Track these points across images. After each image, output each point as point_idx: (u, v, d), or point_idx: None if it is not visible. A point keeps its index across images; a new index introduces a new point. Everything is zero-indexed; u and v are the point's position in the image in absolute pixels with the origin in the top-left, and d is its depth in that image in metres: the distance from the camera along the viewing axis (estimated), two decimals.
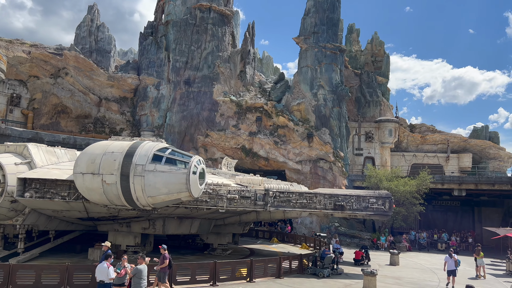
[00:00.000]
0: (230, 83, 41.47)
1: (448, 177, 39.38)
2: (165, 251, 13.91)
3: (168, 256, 13.74)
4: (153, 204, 16.14)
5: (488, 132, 47.54)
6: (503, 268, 25.74)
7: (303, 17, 42.17)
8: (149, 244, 22.67)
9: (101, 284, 11.48)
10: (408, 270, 23.44)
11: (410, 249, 33.58)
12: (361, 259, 24.38)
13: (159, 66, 41.94)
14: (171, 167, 15.60)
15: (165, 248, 14.09)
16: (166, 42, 42.63)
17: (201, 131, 39.73)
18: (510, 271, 23.17)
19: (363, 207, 21.74)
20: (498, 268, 26.14)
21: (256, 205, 20.07)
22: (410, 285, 18.76)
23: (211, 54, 41.51)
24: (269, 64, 64.89)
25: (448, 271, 18.29)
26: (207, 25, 42.01)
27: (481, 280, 21.52)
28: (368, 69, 49.27)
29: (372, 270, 17.21)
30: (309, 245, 29.86)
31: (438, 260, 28.00)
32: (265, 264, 18.46)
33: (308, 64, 40.45)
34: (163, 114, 41.01)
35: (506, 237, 29.56)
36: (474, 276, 22.08)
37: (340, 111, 39.72)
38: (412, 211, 34.76)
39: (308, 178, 37.93)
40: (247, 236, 34.03)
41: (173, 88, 41.22)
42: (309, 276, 19.44)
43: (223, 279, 16.60)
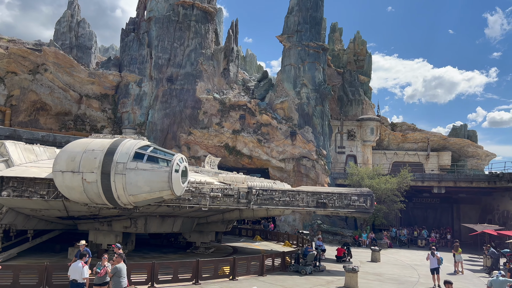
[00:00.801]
0: (213, 80, 41.29)
1: (428, 175, 40.10)
2: (120, 249, 13.45)
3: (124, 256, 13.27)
4: (134, 203, 15.96)
5: (466, 131, 48.57)
6: (480, 264, 26.37)
7: (287, 16, 42.26)
8: (130, 243, 22.42)
9: (74, 284, 11.22)
10: (389, 266, 23.80)
11: (391, 246, 34.09)
12: (343, 256, 24.64)
13: (141, 63, 41.45)
14: (153, 165, 15.45)
15: (119, 247, 13.68)
16: (148, 38, 42.17)
17: (184, 129, 39.47)
18: (487, 267, 23.74)
19: (345, 204, 21.97)
20: (475, 264, 26.77)
21: (239, 203, 20.07)
22: (390, 281, 19.05)
23: (194, 51, 41.24)
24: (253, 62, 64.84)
25: (431, 269, 18.54)
26: (190, 22, 41.71)
27: (459, 275, 22.01)
28: (350, 68, 49.73)
29: (354, 267, 17.41)
30: (292, 243, 30.02)
31: (418, 256, 28.52)
32: (248, 262, 18.48)
33: (291, 63, 40.57)
34: (145, 111, 40.58)
35: (483, 233, 30.32)
36: (452, 272, 22.56)
37: (322, 109, 39.99)
38: (393, 208, 35.29)
39: (291, 176, 38.11)
40: (230, 234, 34.01)
41: (155, 86, 40.82)
42: (292, 273, 19.54)
43: (206, 278, 16.55)
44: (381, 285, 18.02)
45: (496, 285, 12.62)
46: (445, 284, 11.90)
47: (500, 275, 13.07)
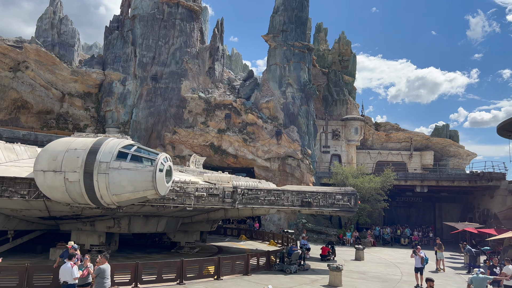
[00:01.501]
0: (199, 79, 41.10)
1: (411, 174, 40.66)
2: (76, 250, 13.12)
3: (80, 256, 12.85)
4: (118, 203, 15.78)
5: (448, 131, 49.39)
6: (461, 261, 26.85)
7: (272, 15, 42.32)
8: (114, 243, 22.19)
9: (65, 285, 11.12)
10: (373, 264, 24.05)
11: (374, 244, 34.46)
12: (328, 255, 24.79)
13: (125, 61, 40.99)
14: (137, 165, 15.29)
15: (76, 248, 13.35)
16: (133, 36, 41.72)
17: (168, 128, 39.18)
18: (467, 264, 24.18)
19: (330, 203, 22.13)
20: (456, 261, 27.25)
21: (224, 203, 20.01)
22: (374, 279, 19.25)
23: (179, 50, 40.98)
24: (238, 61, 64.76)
25: (415, 268, 18.66)
26: (175, 21, 41.43)
27: (441, 273, 22.38)
28: (335, 68, 50.07)
29: (338, 266, 17.54)
30: (277, 242, 30.09)
31: (401, 254, 28.90)
32: (233, 261, 18.45)
33: (277, 62, 40.64)
34: (129, 110, 40.15)
35: (464, 231, 30.89)
36: (434, 270, 22.91)
37: (308, 109, 40.18)
38: (376, 207, 35.69)
39: (277, 175, 38.20)
40: (215, 234, 33.92)
41: (139, 84, 40.42)
42: (277, 273, 19.59)
43: (190, 277, 16.46)
44: (365, 283, 18.20)
45: (476, 282, 12.86)
46: (427, 281, 12.09)
47: (480, 272, 13.33)
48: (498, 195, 36.61)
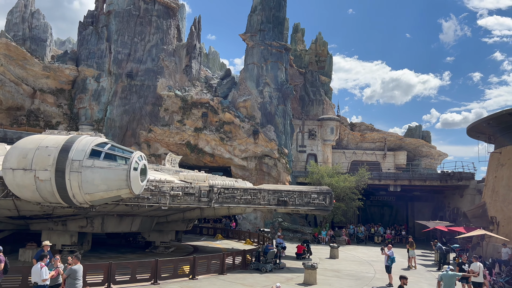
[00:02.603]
0: (175, 77, 40.68)
1: (384, 174, 41.45)
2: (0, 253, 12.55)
3: (4, 259, 12.27)
4: (91, 202, 15.47)
5: (421, 131, 50.60)
6: (432, 259, 27.58)
7: (250, 14, 42.31)
8: (86, 243, 21.73)
9: (35, 286, 10.84)
10: (347, 262, 24.41)
11: (349, 243, 34.97)
12: (303, 253, 25.00)
13: (100, 57, 40.15)
14: (111, 163, 15.03)
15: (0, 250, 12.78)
16: (108, 32, 40.90)
17: (144, 126, 38.64)
18: (437, 261, 24.86)
19: (305, 202, 22.31)
20: (427, 259, 27.97)
21: (200, 202, 19.91)
22: (348, 277, 19.54)
23: (155, 47, 40.44)
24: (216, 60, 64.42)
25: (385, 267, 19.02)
26: (151, 17, 40.85)
27: (413, 270, 22.92)
28: (312, 69, 50.52)
29: (313, 264, 17.72)
30: (253, 241, 30.14)
31: (374, 252, 29.43)
32: (208, 260, 18.38)
33: (254, 62, 40.67)
34: (104, 107, 39.35)
35: (435, 229, 31.74)
36: (406, 267, 23.44)
37: (285, 108, 40.39)
38: (351, 206, 36.21)
39: (253, 174, 38.25)
40: (191, 233, 33.68)
41: (114, 81, 39.67)
42: (252, 271, 19.62)
43: (165, 277, 16.30)
44: (339, 281, 18.44)
45: (446, 279, 13.23)
46: (401, 279, 12.34)
47: (450, 269, 13.72)
48: (468, 194, 37.76)
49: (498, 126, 26.43)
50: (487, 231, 23.58)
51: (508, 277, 19.50)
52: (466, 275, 15.39)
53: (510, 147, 25.35)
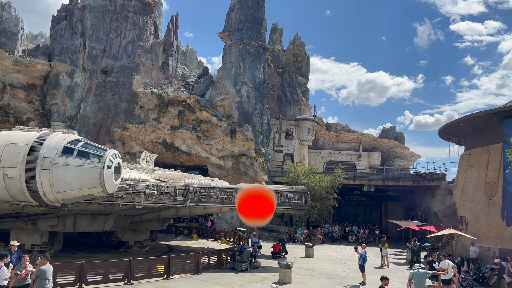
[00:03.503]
0: (151, 74, 40.14)
1: (359, 174, 42.10)
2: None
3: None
4: (62, 200, 15.07)
5: (395, 133, 51.66)
6: (404, 257, 28.19)
7: (228, 13, 42.17)
8: (57, 243, 21.20)
9: None
10: (322, 261, 24.67)
11: (324, 242, 35.36)
12: (278, 252, 25.13)
13: (74, 52, 39.19)
14: (84, 161, 14.69)
15: None
16: (82, 27, 39.97)
17: (118, 124, 37.96)
18: (409, 260, 25.44)
19: (281, 201, 22.42)
20: (400, 258, 28.58)
21: (175, 201, 19.73)
22: (322, 276, 19.76)
23: (131, 43, 39.78)
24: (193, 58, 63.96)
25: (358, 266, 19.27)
26: (128, 13, 40.16)
27: (385, 268, 23.37)
28: (289, 69, 50.82)
29: (288, 263, 17.82)
30: (229, 240, 30.09)
31: (348, 251, 29.86)
32: (183, 260, 18.24)
33: (232, 60, 40.56)
34: (77, 104, 38.45)
35: (407, 228, 32.47)
36: (379, 266, 23.89)
37: (262, 108, 40.46)
38: (326, 205, 36.63)
39: (230, 173, 38.15)
40: (166, 233, 33.34)
41: (88, 77, 38.81)
42: (228, 271, 19.59)
43: (139, 277, 16.07)
44: (313, 280, 18.62)
45: (417, 277, 13.54)
46: (382, 280, 12.53)
47: (420, 267, 14.05)
48: (439, 195, 38.79)
49: (468, 129, 27.26)
50: (456, 230, 24.27)
51: (476, 275, 20.14)
52: (436, 273, 15.80)
53: (479, 149, 26.17)
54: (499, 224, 22.62)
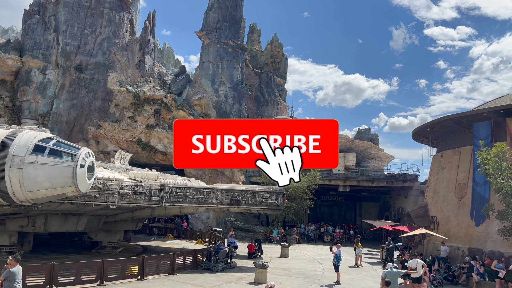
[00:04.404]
0: (127, 72, 39.51)
1: (335, 174, 42.57)
2: None
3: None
4: (33, 200, 14.65)
5: (370, 134, 52.48)
6: (377, 257, 28.69)
7: (206, 12, 41.96)
8: (27, 243, 20.58)
9: None
10: (297, 261, 24.83)
11: (299, 242, 35.60)
12: (254, 252, 25.13)
13: (46, 48, 38.16)
14: (56, 159, 14.31)
15: None
16: (56, 23, 38.97)
17: (92, 122, 37.20)
18: (383, 259, 25.91)
19: (258, 201, 22.43)
20: (373, 257, 29.07)
21: (150, 201, 19.47)
22: (298, 275, 19.89)
23: (107, 40, 39.05)
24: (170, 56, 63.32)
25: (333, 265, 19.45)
26: (104, 9, 39.42)
27: (359, 268, 23.72)
28: (267, 69, 50.95)
29: (264, 263, 17.85)
30: (205, 241, 29.91)
31: (324, 251, 30.16)
32: (158, 261, 18.02)
33: (210, 60, 40.37)
34: (49, 101, 37.45)
35: (381, 228, 33.08)
36: (353, 265, 24.23)
37: (240, 108, 40.43)
38: (302, 205, 36.86)
39: (207, 173, 37.92)
40: (140, 233, 32.84)
41: (62, 74, 37.87)
42: (203, 271, 19.47)
43: (112, 278, 15.77)
44: (288, 280, 18.72)
45: (390, 276, 13.79)
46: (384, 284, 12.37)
47: (394, 267, 14.33)
48: (411, 195, 39.66)
49: (440, 131, 27.99)
50: (428, 230, 24.85)
51: (446, 274, 20.70)
52: (409, 271, 16.14)
53: (450, 151, 26.90)
54: (468, 224, 23.31)
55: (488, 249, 21.46)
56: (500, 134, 21.99)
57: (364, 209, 48.10)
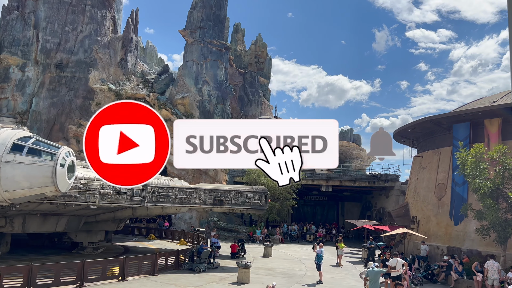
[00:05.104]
0: (109, 70, 38.97)
1: (317, 174, 42.83)
2: None
3: None
4: (10, 200, 14.33)
5: (352, 135, 53.08)
6: (359, 256, 29.00)
7: (190, 11, 41.72)
8: (4, 244, 20.11)
9: None
10: (280, 261, 24.91)
11: (282, 241, 35.70)
12: (237, 252, 25.10)
13: (26, 45, 37.33)
14: (35, 159, 14.03)
15: None
16: (35, 19, 38.16)
17: (73, 120, 36.57)
18: (364, 258, 26.20)
19: (241, 201, 22.43)
20: (355, 256, 29.37)
21: (132, 201, 19.27)
22: (280, 275, 19.95)
23: (89, 37, 38.44)
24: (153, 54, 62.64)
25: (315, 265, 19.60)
26: (85, 6, 38.79)
27: (340, 267, 23.95)
28: (251, 69, 50.98)
29: (246, 263, 17.86)
30: (188, 241, 29.73)
31: (306, 250, 30.31)
32: (140, 261, 17.84)
33: (193, 59, 40.14)
34: (29, 99, 36.65)
35: (363, 228, 33.45)
36: (335, 264, 24.44)
37: (224, 108, 40.31)
38: (285, 205, 36.99)
39: (190, 173, 37.69)
40: (122, 233, 32.42)
41: (41, 71, 37.11)
42: (186, 272, 19.35)
43: (92, 279, 15.54)
44: (271, 279, 18.74)
45: (371, 275, 13.96)
46: (395, 285, 12.76)
47: (375, 266, 14.50)
48: (393, 195, 40.23)
49: (421, 132, 28.47)
50: (408, 230, 25.25)
51: (426, 272, 21.07)
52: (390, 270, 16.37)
53: (430, 151, 27.39)
54: (448, 223, 23.78)
55: (466, 248, 21.93)
56: (479, 135, 22.51)
57: (346, 208, 48.54)
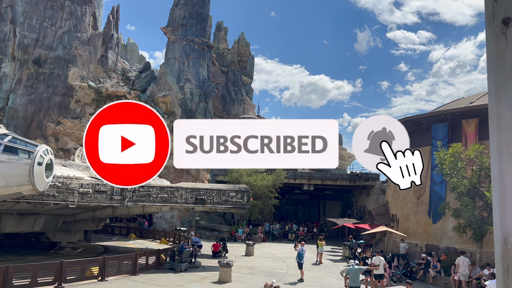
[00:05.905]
0: (89, 67, 38.30)
1: (299, 173, 43.07)
2: None
3: None
4: None
5: None
6: (340, 254, 29.29)
7: (172, 8, 41.34)
8: None
9: None
10: (262, 259, 24.95)
11: (264, 240, 35.77)
12: (219, 252, 25.03)
13: (2, 40, 36.37)
14: (11, 157, 13.68)
15: None
16: (13, 14, 37.19)
17: (51, 118, 35.81)
18: (345, 256, 26.49)
19: (223, 200, 22.37)
20: (336, 254, 29.65)
21: (112, 200, 19.00)
22: (262, 274, 19.98)
23: (68, 33, 37.68)
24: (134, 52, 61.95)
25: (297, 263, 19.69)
26: (64, 2, 38.00)
27: (321, 265, 24.16)
28: (234, 68, 50.88)
29: (228, 262, 17.82)
30: (169, 240, 29.48)
31: (288, 249, 30.45)
32: (120, 261, 17.61)
33: (175, 56, 39.80)
34: (5, 96, 35.72)
35: (344, 226, 33.81)
36: (315, 262, 24.64)
37: (206, 106, 40.11)
38: (267, 204, 37.08)
39: (172, 172, 37.33)
40: (101, 233, 31.94)
41: (19, 67, 36.20)
42: (167, 271, 19.19)
43: (71, 280, 15.26)
44: (253, 278, 18.77)
45: (352, 272, 14.13)
46: (406, 284, 12.91)
47: (355, 263, 14.68)
48: (373, 194, 40.75)
49: None
50: (388, 228, 25.63)
51: (405, 269, 21.43)
52: (370, 268, 16.58)
53: None
54: (426, 221, 24.23)
55: (444, 245, 22.40)
56: (456, 135, 23.00)
57: (328, 207, 48.96)
